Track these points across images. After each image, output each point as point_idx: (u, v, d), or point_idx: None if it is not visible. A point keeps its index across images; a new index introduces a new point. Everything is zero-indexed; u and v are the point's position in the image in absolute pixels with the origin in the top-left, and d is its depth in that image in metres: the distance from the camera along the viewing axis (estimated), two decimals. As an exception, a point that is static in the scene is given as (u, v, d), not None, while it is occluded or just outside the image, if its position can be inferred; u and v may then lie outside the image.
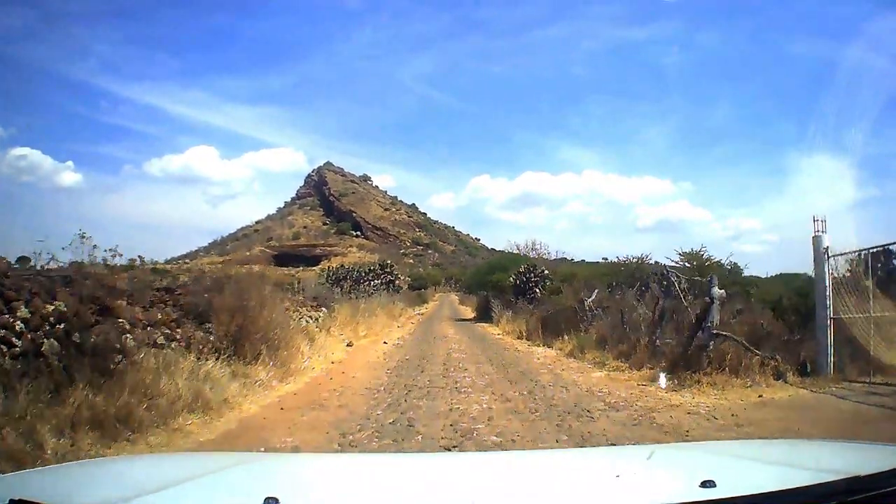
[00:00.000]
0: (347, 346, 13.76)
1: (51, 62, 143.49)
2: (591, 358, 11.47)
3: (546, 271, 23.44)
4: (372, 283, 31.71)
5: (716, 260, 15.45)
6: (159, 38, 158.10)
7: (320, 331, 14.29)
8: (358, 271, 31.17)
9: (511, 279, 23.42)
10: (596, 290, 14.32)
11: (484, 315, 27.80)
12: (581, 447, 4.73)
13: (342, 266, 32.27)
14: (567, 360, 11.93)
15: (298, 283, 24.28)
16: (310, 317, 14.21)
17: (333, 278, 30.96)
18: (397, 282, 39.11)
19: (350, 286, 29.73)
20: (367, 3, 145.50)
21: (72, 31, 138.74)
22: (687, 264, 15.24)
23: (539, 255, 28.50)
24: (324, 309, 15.91)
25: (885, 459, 1.51)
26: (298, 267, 76.78)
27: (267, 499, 1.20)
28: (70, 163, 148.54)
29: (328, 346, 12.85)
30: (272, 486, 1.59)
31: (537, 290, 22.55)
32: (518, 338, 16.89)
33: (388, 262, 38.60)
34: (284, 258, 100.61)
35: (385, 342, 15.45)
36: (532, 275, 22.97)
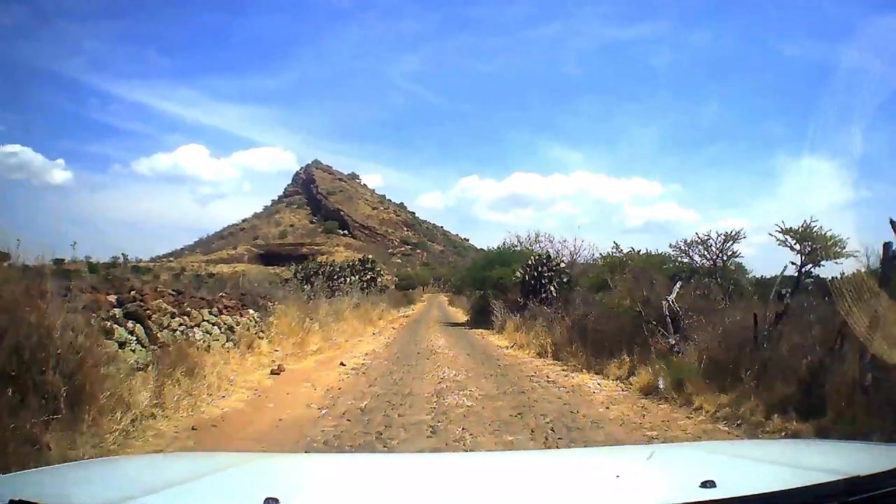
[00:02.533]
0: (272, 373, 8.00)
1: (41, 59, 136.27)
2: (707, 406, 5.83)
3: (563, 264, 17.81)
4: (348, 279, 25.92)
5: (836, 237, 9.89)
6: (149, 37, 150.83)
7: (235, 347, 8.54)
8: (331, 266, 25.27)
9: (517, 275, 17.74)
10: (678, 284, 8.67)
11: (480, 319, 22.14)
12: (581, 447, 4.27)
13: (312, 260, 26.32)
14: (658, 406, 6.25)
15: (241, 277, 18.50)
16: (216, 325, 8.43)
17: (303, 275, 25.16)
18: (380, 280, 33.38)
19: (322, 283, 24.14)
20: (357, 2, 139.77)
21: (62, 28, 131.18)
22: (794, 244, 9.77)
23: (544, 248, 22.93)
24: (252, 312, 10.13)
25: (885, 459, 1.41)
26: (284, 266, 71.16)
27: (267, 499, 1.12)
28: (61, 160, 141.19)
29: (235, 379, 7.12)
30: (272, 486, 1.50)
31: (552, 288, 16.93)
32: (539, 355, 11.21)
33: (370, 257, 32.85)
34: (270, 257, 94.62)
35: (342, 363, 9.68)
36: (545, 268, 17.32)
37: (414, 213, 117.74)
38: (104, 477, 1.65)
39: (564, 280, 17.36)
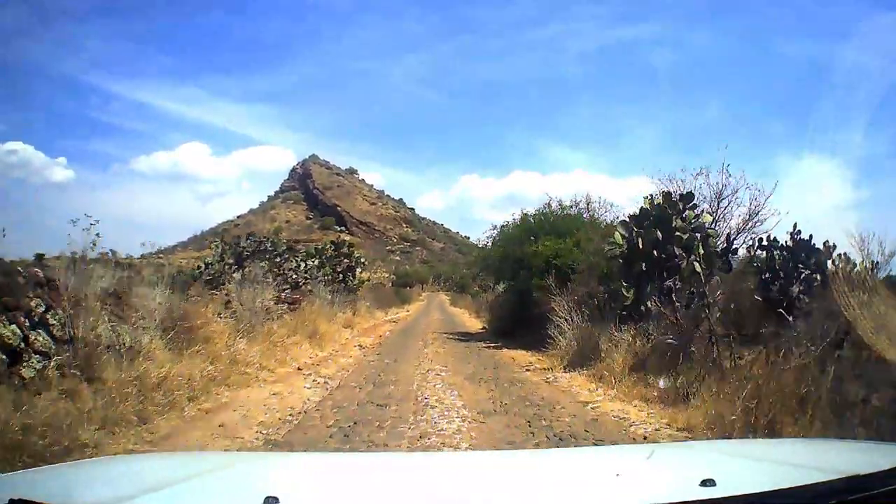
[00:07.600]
0: None
1: (42, 58, 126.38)
2: None
3: (709, 219, 8.03)
4: (304, 265, 16.21)
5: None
6: (151, 35, 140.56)
7: None
8: (274, 244, 15.36)
9: (617, 239, 7.89)
10: None
11: (511, 328, 12.53)
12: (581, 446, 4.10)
13: (252, 234, 16.57)
14: None
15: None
16: None
17: (233, 256, 15.27)
18: (362, 271, 23.58)
19: (257, 269, 14.42)
20: (358, 3, 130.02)
21: (63, 27, 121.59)
22: None
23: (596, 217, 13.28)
24: None
25: (885, 458, 1.30)
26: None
27: (267, 498, 1.02)
28: (62, 159, 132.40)
29: None
30: (272, 485, 1.39)
31: (696, 266, 7.21)
32: None
33: (346, 240, 23.12)
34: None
35: None
36: (679, 222, 7.55)
37: (413, 209, 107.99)
38: (104, 476, 1.56)
39: (715, 251, 7.64)
